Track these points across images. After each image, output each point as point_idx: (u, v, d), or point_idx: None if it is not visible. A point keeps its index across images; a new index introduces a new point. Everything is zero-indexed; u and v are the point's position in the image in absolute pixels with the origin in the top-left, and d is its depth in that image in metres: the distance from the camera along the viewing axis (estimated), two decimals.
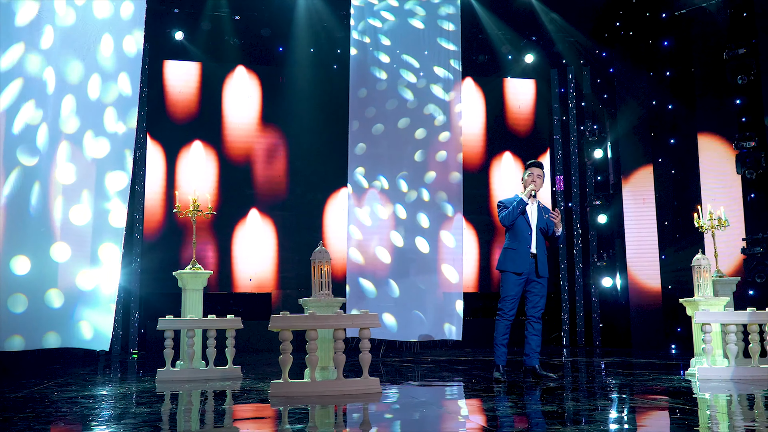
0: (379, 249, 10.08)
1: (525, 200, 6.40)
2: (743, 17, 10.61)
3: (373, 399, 5.09)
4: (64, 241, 7.97)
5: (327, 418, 4.25)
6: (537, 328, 6.38)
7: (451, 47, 10.52)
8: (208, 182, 12.96)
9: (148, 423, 3.99)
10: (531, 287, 6.39)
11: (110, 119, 7.78)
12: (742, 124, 10.56)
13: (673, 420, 3.97)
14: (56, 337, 7.83)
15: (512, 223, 6.40)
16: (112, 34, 7.85)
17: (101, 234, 8.05)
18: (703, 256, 6.92)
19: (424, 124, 10.30)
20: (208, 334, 7.02)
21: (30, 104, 7.71)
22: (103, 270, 8.10)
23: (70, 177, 8.11)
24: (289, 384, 5.30)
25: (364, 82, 10.25)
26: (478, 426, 3.94)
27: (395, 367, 8.25)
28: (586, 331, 13.60)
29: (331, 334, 5.53)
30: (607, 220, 13.40)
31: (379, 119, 10.22)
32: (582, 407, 4.44)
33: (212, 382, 6.59)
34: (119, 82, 8.07)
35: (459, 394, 5.65)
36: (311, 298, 5.76)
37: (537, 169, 6.58)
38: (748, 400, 4.96)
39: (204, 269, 7.19)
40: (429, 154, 10.21)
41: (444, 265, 10.05)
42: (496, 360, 6.41)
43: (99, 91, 7.69)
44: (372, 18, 10.46)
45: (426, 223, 10.16)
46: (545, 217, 6.49)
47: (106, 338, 8.11)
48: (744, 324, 6.76)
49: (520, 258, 6.36)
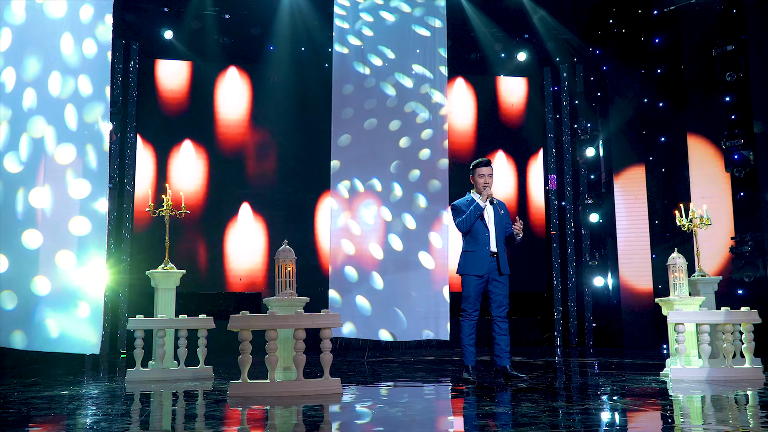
0: (365, 251, 10.02)
1: (482, 205, 6.31)
2: (733, 13, 10.48)
3: (332, 400, 5.03)
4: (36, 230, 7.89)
5: (273, 419, 4.20)
6: (504, 328, 6.30)
7: (437, 44, 10.43)
8: (198, 180, 12.93)
9: (83, 425, 3.95)
10: (493, 287, 6.30)
11: (71, 117, 7.67)
12: (731, 122, 10.43)
13: (620, 422, 3.90)
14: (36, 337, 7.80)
15: (470, 228, 6.32)
16: (72, 33, 7.75)
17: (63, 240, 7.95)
18: (679, 255, 6.83)
19: (409, 122, 10.22)
20: (179, 334, 6.98)
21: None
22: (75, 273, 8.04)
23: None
24: (248, 384, 5.26)
25: (347, 80, 10.18)
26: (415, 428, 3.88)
27: (373, 367, 8.18)
28: (579, 332, 13.51)
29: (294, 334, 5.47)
30: (598, 219, 13.30)
31: (363, 117, 10.15)
32: (534, 409, 4.37)
33: (181, 383, 6.55)
34: (79, 80, 7.98)
35: (420, 395, 5.56)
36: (274, 298, 5.72)
37: (487, 168, 6.44)
38: (710, 401, 4.87)
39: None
40: (413, 153, 10.12)
41: (431, 265, 9.96)
42: (465, 360, 6.33)
43: (60, 89, 7.60)
44: (356, 15, 10.39)
45: (412, 223, 10.08)
46: (501, 213, 6.40)
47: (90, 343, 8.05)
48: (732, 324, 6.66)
49: (479, 260, 6.28)
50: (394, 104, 10.19)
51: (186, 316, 7.04)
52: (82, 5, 7.64)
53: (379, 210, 10.06)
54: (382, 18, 10.49)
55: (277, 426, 4.00)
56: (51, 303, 7.06)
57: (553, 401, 4.71)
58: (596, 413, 4.16)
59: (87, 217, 7.39)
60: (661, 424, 3.92)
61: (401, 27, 10.49)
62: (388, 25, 10.48)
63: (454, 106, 13.96)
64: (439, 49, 10.41)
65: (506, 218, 6.46)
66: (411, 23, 10.47)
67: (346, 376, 7.06)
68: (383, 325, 9.70)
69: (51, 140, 7.35)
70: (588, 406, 4.43)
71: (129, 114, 12.73)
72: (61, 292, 7.49)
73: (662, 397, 5.08)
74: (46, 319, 6.96)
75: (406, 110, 10.18)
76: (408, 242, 10.00)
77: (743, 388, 5.54)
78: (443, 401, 5.05)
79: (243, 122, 13.38)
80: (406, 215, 10.05)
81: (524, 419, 3.91)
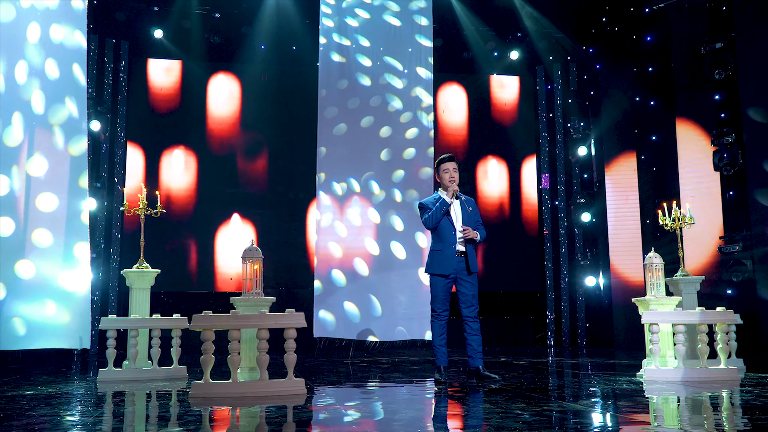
0: (351, 251, 9.98)
1: (447, 201, 6.22)
2: (722, 10, 10.37)
3: (295, 401, 4.99)
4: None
5: (224, 420, 4.16)
6: (475, 328, 6.23)
7: (424, 42, 10.37)
8: (188, 180, 12.90)
9: (20, 425, 3.91)
10: (461, 286, 6.23)
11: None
12: (721, 120, 10.34)
13: (566, 425, 3.83)
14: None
15: (436, 226, 6.25)
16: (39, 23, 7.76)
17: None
18: (656, 254, 6.76)
19: (395, 121, 10.17)
20: (153, 334, 6.96)
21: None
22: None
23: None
24: (210, 385, 5.22)
25: (333, 79, 10.15)
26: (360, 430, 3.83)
27: (353, 368, 8.14)
28: (571, 332, 13.42)
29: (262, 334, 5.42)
30: (591, 218, 13.21)
31: (348, 117, 10.11)
32: (489, 411, 4.31)
33: (153, 383, 6.52)
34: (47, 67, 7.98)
35: (385, 397, 5.51)
36: (240, 297, 5.68)
37: (452, 163, 6.33)
38: (676, 402, 4.81)
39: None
40: (398, 153, 10.07)
41: (417, 265, 9.89)
42: (437, 361, 6.27)
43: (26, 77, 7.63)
44: (342, 15, 10.34)
45: (400, 225, 10.03)
46: (469, 210, 6.32)
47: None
48: (706, 324, 6.59)
49: (446, 260, 6.19)
50: (379, 103, 10.14)
51: (159, 315, 7.00)
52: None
53: (365, 210, 10.02)
54: (369, 17, 10.45)
55: (234, 427, 3.96)
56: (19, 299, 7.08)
57: (513, 402, 4.64)
58: (548, 415, 4.10)
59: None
60: (610, 425, 3.85)
61: (388, 26, 10.44)
62: (375, 24, 10.44)
63: (446, 105, 13.90)
64: (426, 45, 10.35)
65: (475, 215, 6.38)
66: (400, 19, 10.42)
67: (324, 376, 7.04)
68: (368, 326, 9.66)
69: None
70: (545, 408, 4.36)
71: (119, 113, 12.71)
72: (30, 289, 7.54)
73: (625, 398, 5.01)
74: (12, 318, 6.96)
75: (392, 109, 10.14)
76: (394, 242, 9.95)
77: (715, 390, 5.46)
78: (404, 402, 5.00)
79: (233, 121, 13.33)
80: (392, 215, 10.01)
81: (473, 421, 3.85)
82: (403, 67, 10.25)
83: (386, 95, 10.16)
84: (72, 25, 8.19)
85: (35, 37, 7.76)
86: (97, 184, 11.89)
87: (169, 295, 12.19)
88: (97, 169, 12.25)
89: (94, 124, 11.95)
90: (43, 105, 8.02)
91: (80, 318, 8.12)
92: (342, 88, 10.13)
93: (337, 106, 10.06)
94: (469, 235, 6.16)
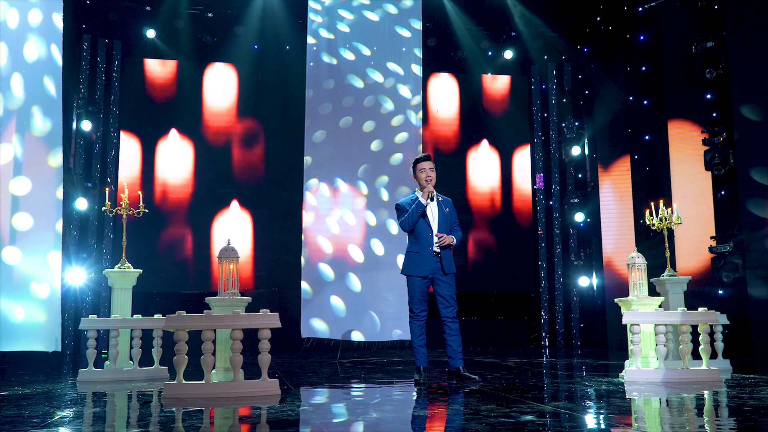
0: (340, 251, 9.95)
1: (423, 203, 6.18)
2: (714, 9, 10.29)
3: (268, 401, 4.95)
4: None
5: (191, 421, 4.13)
6: (454, 329, 6.19)
7: (411, 39, 10.34)
8: (184, 179, 12.87)
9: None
10: (438, 287, 6.19)
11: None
12: (712, 120, 10.26)
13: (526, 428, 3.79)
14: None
15: (413, 227, 6.21)
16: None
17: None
18: (638, 254, 6.71)
19: (384, 121, 10.14)
20: (134, 334, 6.93)
21: None
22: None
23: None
24: (182, 385, 5.19)
25: (321, 79, 10.13)
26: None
27: (338, 368, 8.10)
28: (566, 332, 13.36)
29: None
30: (584, 218, 13.15)
31: (338, 116, 10.09)
32: (457, 412, 4.27)
33: (132, 383, 6.50)
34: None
35: (358, 398, 5.47)
36: (216, 297, 5.65)
37: (428, 163, 6.30)
38: (648, 404, 4.76)
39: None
40: (386, 152, 10.04)
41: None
42: (416, 362, 6.24)
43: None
44: (331, 13, 10.32)
45: (388, 225, 10.00)
46: (446, 210, 6.28)
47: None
48: (689, 325, 6.53)
49: (423, 261, 6.16)
50: (372, 103, 10.12)
51: (141, 315, 6.98)
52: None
53: (353, 210, 9.99)
54: (360, 17, 10.42)
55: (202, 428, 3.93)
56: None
57: (484, 404, 4.60)
58: (514, 417, 4.05)
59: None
60: (571, 427, 3.81)
61: (379, 25, 10.42)
62: (365, 23, 10.41)
63: (440, 106, 13.85)
64: (414, 43, 10.32)
65: (452, 216, 6.34)
66: (386, 18, 10.39)
67: (306, 377, 7.01)
68: (356, 326, 9.63)
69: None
70: (514, 409, 4.32)
71: (112, 113, 12.69)
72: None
73: (599, 399, 4.96)
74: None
75: (381, 109, 10.12)
76: (381, 242, 9.92)
77: (693, 391, 5.41)
78: (373, 405, 4.96)
79: (229, 121, 13.29)
80: (380, 214, 9.98)
81: (436, 423, 3.81)
82: (391, 66, 10.22)
83: (375, 95, 10.14)
84: (48, 9, 8.20)
85: (14, 21, 7.74)
86: (87, 184, 11.86)
87: (162, 295, 12.18)
88: (89, 169, 12.23)
89: (85, 124, 11.94)
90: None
91: (54, 320, 8.16)
92: (329, 88, 10.10)
93: (324, 105, 10.03)
94: (445, 242, 6.14)
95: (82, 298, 11.75)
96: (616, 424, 3.96)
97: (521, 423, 3.81)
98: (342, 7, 10.37)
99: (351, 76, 10.18)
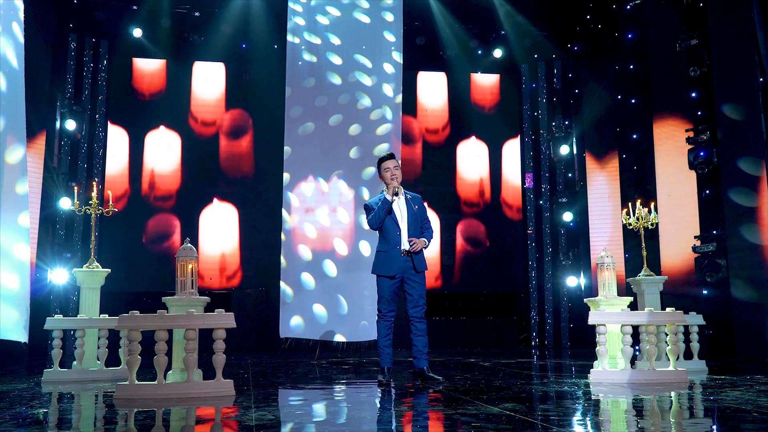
0: (320, 250, 9.90)
1: (389, 200, 6.12)
2: (699, 7, 10.18)
3: (222, 402, 4.90)
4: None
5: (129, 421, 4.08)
6: (421, 329, 6.13)
7: (392, 38, 10.28)
8: (171, 175, 12.87)
9: None
10: (408, 287, 6.13)
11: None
12: (697, 118, 10.16)
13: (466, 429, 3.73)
14: None
15: (380, 225, 6.15)
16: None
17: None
18: (608, 254, 6.62)
19: (365, 119, 10.08)
20: (101, 334, 6.90)
21: None
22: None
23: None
24: (135, 386, 5.14)
25: (301, 77, 10.08)
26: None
27: (311, 368, 8.05)
28: (554, 332, 13.27)
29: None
30: (572, 217, 13.06)
31: (318, 114, 10.04)
32: (404, 414, 4.21)
33: (97, 383, 6.46)
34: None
35: (314, 399, 5.41)
36: (173, 297, 5.60)
37: (392, 161, 6.23)
38: (600, 405, 4.69)
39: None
40: (367, 150, 9.98)
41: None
42: (381, 362, 6.18)
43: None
44: (311, 12, 10.27)
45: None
46: (415, 208, 6.22)
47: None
48: (660, 325, 6.47)
49: (391, 261, 6.10)
50: (348, 101, 10.06)
51: (107, 315, 6.95)
52: None
53: (334, 209, 9.94)
54: (341, 15, 10.37)
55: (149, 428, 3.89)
56: None
57: (434, 406, 4.54)
58: (455, 419, 3.99)
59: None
60: (504, 429, 3.74)
61: (358, 22, 10.36)
62: (344, 21, 10.36)
63: (429, 105, 13.81)
64: (394, 41, 10.25)
65: (422, 214, 6.28)
66: (369, 16, 10.33)
67: (273, 378, 6.96)
68: (334, 326, 9.58)
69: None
70: (459, 411, 4.25)
71: (99, 112, 12.68)
72: None
73: (554, 401, 4.89)
74: None
75: (360, 107, 10.06)
76: (362, 242, 9.87)
77: (655, 392, 5.33)
78: (325, 406, 4.90)
79: (216, 119, 13.29)
80: (360, 214, 9.92)
81: (367, 426, 3.76)
82: (372, 65, 10.16)
83: (355, 93, 10.08)
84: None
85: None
86: (71, 183, 11.84)
87: (149, 295, 12.18)
88: (75, 169, 12.23)
89: (69, 123, 11.94)
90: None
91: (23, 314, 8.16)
92: (309, 86, 10.05)
93: (303, 104, 9.98)
94: (417, 248, 6.08)
95: (67, 297, 11.75)
96: (547, 425, 3.89)
97: (459, 424, 3.75)
98: (323, 5, 10.31)
99: (330, 74, 10.12)
